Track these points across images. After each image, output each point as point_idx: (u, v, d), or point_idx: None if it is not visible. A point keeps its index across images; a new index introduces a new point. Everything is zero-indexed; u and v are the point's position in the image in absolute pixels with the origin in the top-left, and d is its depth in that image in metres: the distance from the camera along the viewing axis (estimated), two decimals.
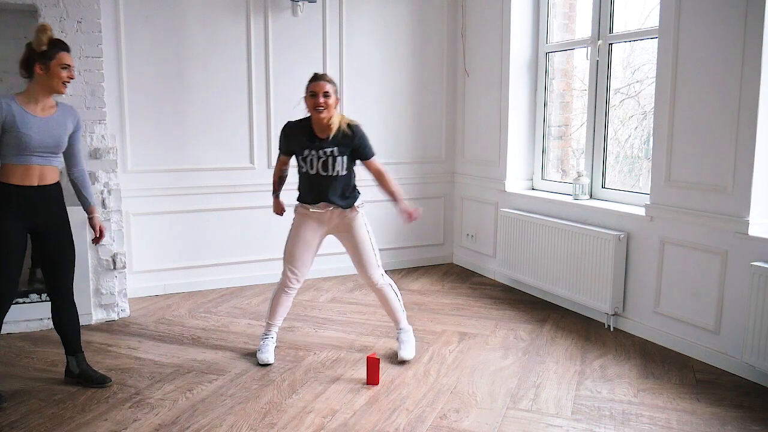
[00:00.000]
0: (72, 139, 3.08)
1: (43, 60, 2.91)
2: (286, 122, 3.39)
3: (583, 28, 4.65)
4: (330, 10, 5.04)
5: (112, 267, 4.14)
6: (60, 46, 2.96)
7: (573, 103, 5.02)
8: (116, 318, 4.17)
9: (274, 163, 4.98)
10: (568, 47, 4.76)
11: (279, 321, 3.56)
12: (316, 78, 3.25)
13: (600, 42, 4.27)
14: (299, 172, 3.39)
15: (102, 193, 4.07)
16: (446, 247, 5.79)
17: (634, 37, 4.10)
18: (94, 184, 4.05)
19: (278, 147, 3.49)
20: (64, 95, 3.17)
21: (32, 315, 3.94)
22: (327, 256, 5.27)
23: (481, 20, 5.23)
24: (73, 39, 3.96)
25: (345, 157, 3.30)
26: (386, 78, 5.33)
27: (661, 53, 3.65)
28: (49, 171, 2.99)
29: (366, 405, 2.98)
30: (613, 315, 4.00)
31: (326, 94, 3.21)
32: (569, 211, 4.38)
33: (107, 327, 4.04)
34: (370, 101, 5.30)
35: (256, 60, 4.83)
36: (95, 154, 4.08)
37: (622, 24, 4.26)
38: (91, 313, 4.07)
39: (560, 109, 5.03)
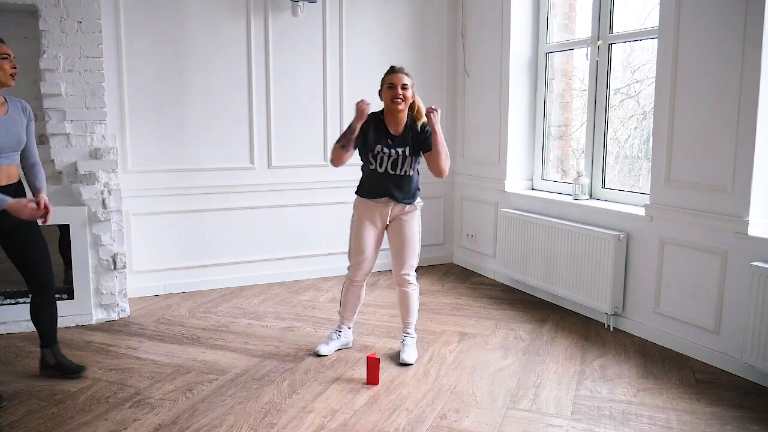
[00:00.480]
0: (26, 133, 3.03)
1: None
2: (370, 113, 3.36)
3: (583, 28, 4.65)
4: (330, 10, 5.04)
5: (112, 267, 4.14)
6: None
7: (573, 103, 5.02)
8: (116, 318, 4.18)
9: (274, 163, 5.00)
10: (568, 47, 4.76)
11: (351, 315, 3.63)
12: (394, 70, 3.23)
13: (600, 42, 4.27)
14: (365, 169, 3.42)
15: (102, 193, 4.07)
16: (446, 247, 5.79)
17: (634, 37, 4.10)
18: (94, 184, 4.05)
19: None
20: (11, 86, 3.02)
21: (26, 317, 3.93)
22: (326, 256, 5.28)
23: (481, 20, 5.23)
24: (73, 39, 3.97)
25: (416, 160, 3.34)
26: None
27: (661, 53, 3.65)
28: (13, 169, 2.99)
29: (366, 405, 2.98)
30: (612, 315, 4.00)
31: (404, 87, 3.18)
32: (569, 211, 4.38)
33: (107, 327, 4.04)
34: (370, 101, 5.28)
35: (256, 60, 4.84)
36: (95, 154, 4.08)
37: (622, 24, 4.26)
38: (91, 313, 4.08)
39: (560, 109, 5.03)
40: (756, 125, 3.14)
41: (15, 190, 3.01)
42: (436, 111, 3.27)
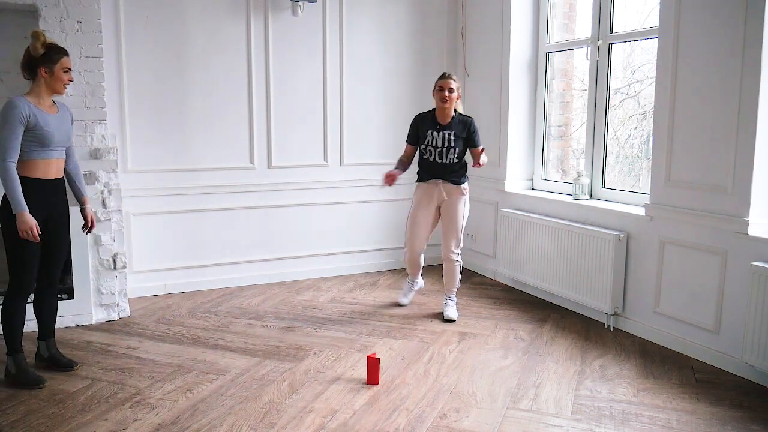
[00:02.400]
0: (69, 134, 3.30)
1: (48, 64, 3.12)
2: (415, 115, 4.20)
3: (583, 28, 4.65)
4: (330, 10, 5.04)
5: (113, 267, 4.14)
6: (62, 51, 3.18)
7: (573, 103, 5.02)
8: (116, 318, 4.18)
9: (274, 163, 5.00)
10: (568, 47, 4.76)
11: (416, 272, 4.46)
12: (444, 77, 4.02)
13: (600, 42, 4.27)
14: (421, 159, 4.15)
15: (102, 193, 4.07)
16: None
17: (634, 37, 4.10)
18: (94, 184, 4.05)
19: (406, 137, 4.22)
20: (63, 95, 3.36)
21: (32, 315, 3.92)
22: (326, 256, 5.29)
23: (481, 20, 5.23)
24: (73, 39, 3.97)
25: (458, 146, 4.02)
26: (386, 78, 5.33)
27: (661, 53, 3.65)
28: (62, 164, 3.24)
29: (366, 405, 2.98)
30: (613, 315, 4.00)
31: (450, 90, 3.96)
32: (569, 211, 4.38)
33: (107, 327, 4.04)
34: (370, 101, 5.30)
35: (256, 60, 4.83)
36: (95, 154, 4.08)
37: (622, 24, 4.26)
38: (91, 313, 4.08)
39: (560, 109, 5.03)
40: (756, 125, 3.14)
41: (63, 184, 3.27)
42: (482, 154, 4.07)
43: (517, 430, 2.77)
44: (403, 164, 4.24)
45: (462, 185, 4.11)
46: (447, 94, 3.96)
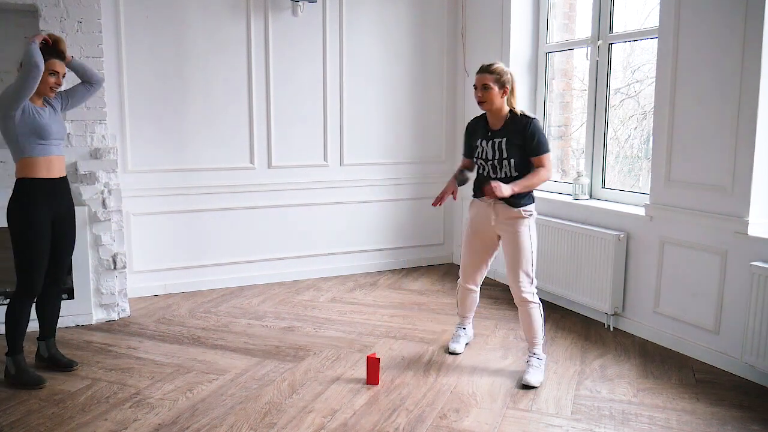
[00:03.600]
0: (67, 96, 3.32)
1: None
2: (468, 122, 3.47)
3: (583, 28, 4.65)
4: (330, 10, 5.04)
5: (113, 267, 4.14)
6: (51, 53, 3.09)
7: (573, 103, 5.02)
8: (116, 318, 4.18)
9: (274, 163, 5.00)
10: (568, 47, 4.76)
11: (468, 314, 3.69)
12: (479, 70, 3.19)
13: (600, 42, 4.27)
14: (477, 172, 3.38)
15: (102, 193, 4.07)
16: (446, 247, 5.79)
17: (634, 37, 4.10)
18: (94, 184, 4.05)
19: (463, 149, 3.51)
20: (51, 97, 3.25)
21: (32, 315, 3.92)
22: (326, 256, 5.29)
23: (481, 20, 5.23)
24: (73, 39, 3.97)
25: (514, 156, 3.14)
26: (386, 78, 5.33)
27: (661, 53, 3.65)
28: (63, 161, 3.23)
29: (366, 405, 2.98)
30: (612, 315, 4.00)
31: (485, 87, 3.15)
32: (569, 211, 4.38)
33: (107, 327, 4.04)
34: (370, 101, 5.30)
35: (256, 60, 4.83)
36: (95, 154, 4.08)
37: (622, 24, 4.26)
38: (91, 313, 4.08)
39: (560, 109, 5.03)
40: (756, 125, 3.14)
41: (67, 183, 3.27)
42: (494, 188, 3.04)
43: (517, 430, 2.77)
44: (461, 180, 3.54)
45: (522, 208, 3.18)
46: (481, 93, 3.16)
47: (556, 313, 4.33)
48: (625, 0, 4.27)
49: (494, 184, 3.01)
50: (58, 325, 3.96)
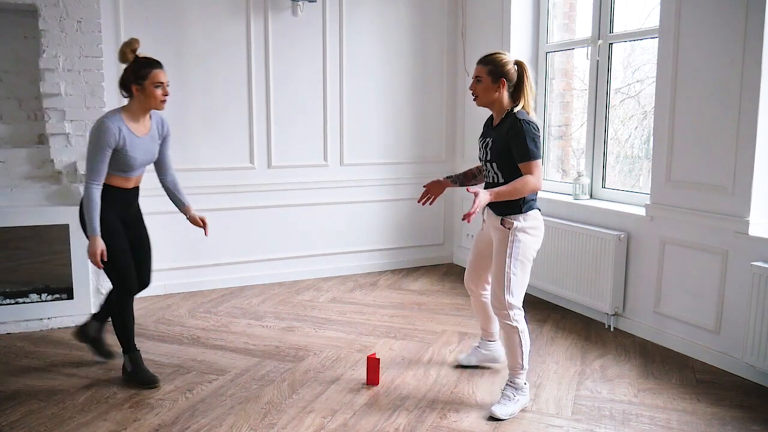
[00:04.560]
0: (162, 148, 3.26)
1: (138, 80, 2.98)
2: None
3: (583, 28, 4.65)
4: (330, 10, 5.04)
5: None
6: (152, 64, 3.01)
7: (573, 103, 5.02)
8: None
9: (274, 163, 5.00)
10: (568, 47, 4.76)
11: (484, 326, 3.36)
12: (478, 60, 2.89)
13: (600, 42, 4.27)
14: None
15: None
16: (446, 247, 5.78)
17: (634, 37, 4.10)
18: None
19: None
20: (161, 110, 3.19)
21: (32, 315, 3.94)
22: (326, 256, 5.28)
23: (481, 20, 5.23)
24: (73, 39, 3.97)
25: (499, 159, 2.83)
26: (386, 78, 5.33)
27: (661, 53, 3.65)
28: (141, 177, 3.25)
29: (366, 405, 2.98)
30: (613, 315, 3.99)
31: (477, 79, 2.84)
32: (569, 211, 4.37)
33: (107, 327, 4.03)
34: (370, 101, 5.30)
35: (256, 60, 4.83)
36: None
37: (622, 24, 4.26)
38: (91, 313, 4.06)
39: (560, 109, 5.03)
40: (757, 125, 3.14)
41: (137, 192, 3.27)
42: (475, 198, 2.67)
43: (517, 430, 2.77)
44: (465, 175, 3.24)
45: (507, 216, 2.84)
46: (473, 85, 2.87)
47: (557, 313, 4.33)
48: (625, 0, 4.26)
49: (473, 190, 2.67)
50: (58, 325, 3.98)
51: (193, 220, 3.45)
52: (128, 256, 3.15)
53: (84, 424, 2.78)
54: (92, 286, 4.08)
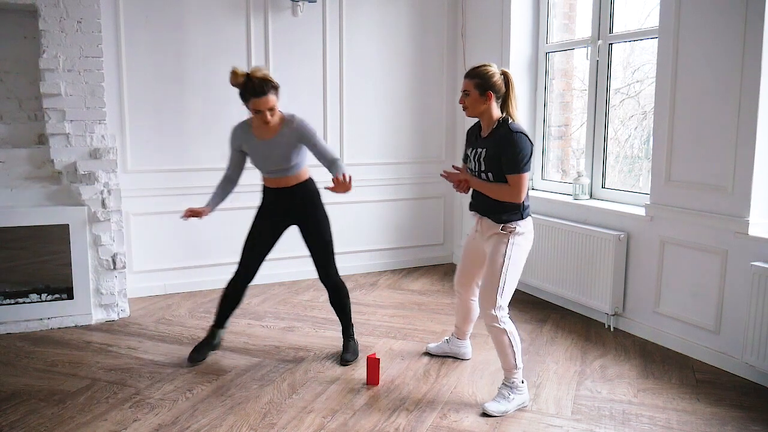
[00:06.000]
0: (308, 147, 3.34)
1: (244, 102, 3.21)
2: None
3: (583, 28, 4.65)
4: (330, 10, 5.04)
5: (112, 267, 4.14)
6: (253, 92, 3.11)
7: (573, 103, 5.02)
8: (116, 318, 4.17)
9: None
10: (568, 47, 4.76)
11: (458, 324, 3.48)
12: (465, 73, 2.95)
13: (600, 42, 4.27)
14: None
15: (102, 193, 4.07)
16: (446, 247, 5.79)
17: (634, 37, 4.10)
18: (93, 184, 4.05)
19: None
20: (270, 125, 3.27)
21: (32, 315, 3.94)
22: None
23: (481, 20, 5.23)
24: (73, 39, 3.97)
25: (493, 169, 2.88)
26: (386, 78, 5.33)
27: (661, 53, 3.65)
28: (284, 180, 3.37)
29: (366, 405, 2.98)
30: (613, 315, 4.00)
31: (465, 93, 2.90)
32: (569, 211, 4.37)
33: (107, 327, 4.04)
34: (370, 101, 5.30)
35: (256, 60, 4.83)
36: (95, 154, 4.08)
37: (622, 24, 4.26)
38: (91, 313, 4.07)
39: (560, 109, 5.03)
40: (756, 125, 3.14)
41: (296, 192, 3.40)
42: (455, 174, 3.01)
43: (517, 430, 2.77)
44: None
45: (507, 223, 2.91)
46: (462, 99, 2.93)
47: (556, 313, 4.33)
48: (625, 0, 4.26)
49: (460, 176, 2.95)
50: (58, 325, 3.98)
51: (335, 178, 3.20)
52: (249, 246, 3.50)
53: (84, 424, 2.78)
54: (92, 286, 4.08)
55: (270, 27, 4.85)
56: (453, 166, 3.11)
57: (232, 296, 3.49)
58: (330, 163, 3.32)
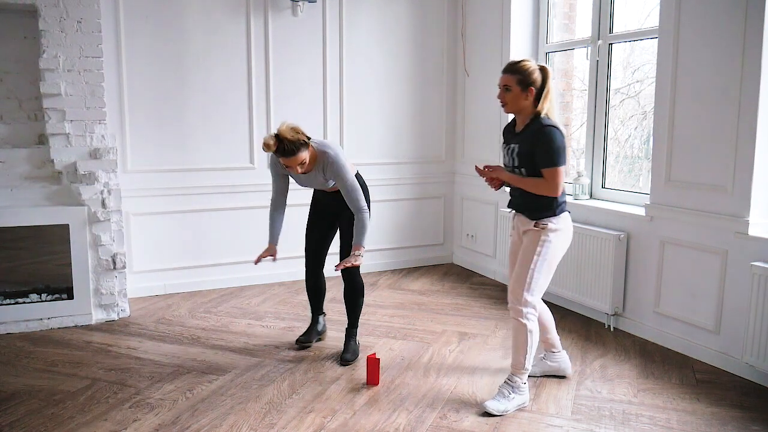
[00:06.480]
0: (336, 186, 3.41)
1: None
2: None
3: (583, 28, 4.65)
4: (330, 10, 5.04)
5: (112, 267, 4.14)
6: (284, 153, 3.11)
7: (573, 103, 5.02)
8: (116, 318, 4.17)
9: None
10: (568, 47, 4.76)
11: (542, 339, 3.20)
12: (503, 68, 2.92)
13: (600, 42, 4.27)
14: None
15: (102, 193, 4.07)
16: (446, 247, 5.78)
17: (634, 37, 4.10)
18: (93, 184, 4.05)
19: None
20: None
21: (32, 315, 3.94)
22: (327, 256, 5.26)
23: (481, 20, 5.23)
24: (73, 39, 3.97)
25: (526, 165, 2.86)
26: (386, 78, 5.33)
27: (661, 53, 3.65)
28: (327, 191, 3.53)
29: (366, 405, 2.98)
30: (613, 315, 4.00)
31: (506, 88, 2.86)
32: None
33: (107, 327, 4.04)
34: (370, 101, 5.30)
35: (256, 60, 4.83)
36: (95, 154, 4.08)
37: (622, 24, 4.26)
38: (90, 313, 4.07)
39: (560, 109, 5.02)
40: (756, 125, 3.14)
41: (334, 194, 3.49)
42: (489, 170, 2.99)
43: (517, 430, 2.77)
44: None
45: (542, 220, 2.89)
46: (501, 94, 2.89)
47: (557, 313, 4.31)
48: (625, 0, 4.26)
49: (492, 173, 2.95)
50: (58, 325, 3.98)
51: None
52: (309, 236, 3.67)
53: (84, 424, 2.78)
54: (92, 286, 4.08)
55: (270, 27, 4.85)
56: (486, 166, 3.02)
57: (313, 287, 3.74)
58: (355, 220, 3.35)
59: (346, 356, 3.49)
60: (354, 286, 3.55)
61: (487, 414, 2.88)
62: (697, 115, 3.45)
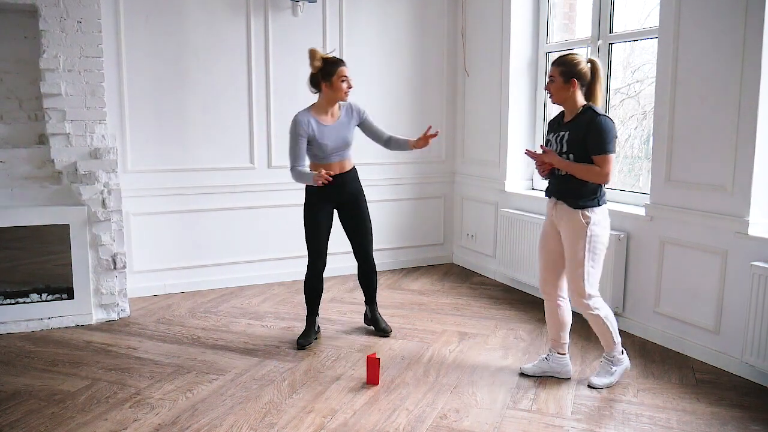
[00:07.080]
0: (364, 125, 3.76)
1: (326, 77, 3.48)
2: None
3: (583, 28, 4.65)
4: (330, 10, 5.04)
5: (112, 267, 4.14)
6: (336, 62, 3.49)
7: None
8: (116, 318, 4.17)
9: (274, 163, 5.00)
10: (568, 47, 4.75)
11: (554, 335, 3.27)
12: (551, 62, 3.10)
13: (600, 42, 4.27)
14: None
15: (102, 193, 4.07)
16: (446, 247, 5.79)
17: (634, 37, 4.10)
18: (94, 184, 4.05)
19: None
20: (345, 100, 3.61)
21: (32, 315, 3.94)
22: (327, 256, 5.27)
23: (481, 20, 5.23)
24: (73, 39, 3.97)
25: (575, 152, 2.97)
26: (386, 78, 5.33)
27: (661, 53, 3.65)
28: (345, 163, 3.66)
29: (366, 405, 2.98)
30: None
31: (551, 79, 3.03)
32: None
33: (107, 327, 4.04)
34: (370, 101, 5.28)
35: (256, 60, 4.83)
36: (95, 154, 4.08)
37: (622, 24, 4.26)
38: (91, 313, 4.08)
39: (560, 109, 5.02)
40: (756, 124, 3.14)
41: (351, 177, 3.70)
42: (546, 154, 3.06)
43: (517, 430, 2.77)
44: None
45: (584, 210, 2.98)
46: (547, 85, 3.06)
47: None
48: (625, 0, 4.26)
49: (545, 157, 3.03)
50: (58, 325, 3.99)
51: (416, 146, 3.74)
52: (319, 235, 3.66)
53: (84, 424, 2.78)
54: (92, 286, 4.08)
55: (270, 27, 4.85)
56: (541, 146, 3.13)
57: (318, 288, 3.76)
58: (388, 137, 3.80)
59: (386, 327, 3.87)
60: (374, 271, 3.84)
61: (593, 388, 3.12)
62: (697, 115, 3.46)
